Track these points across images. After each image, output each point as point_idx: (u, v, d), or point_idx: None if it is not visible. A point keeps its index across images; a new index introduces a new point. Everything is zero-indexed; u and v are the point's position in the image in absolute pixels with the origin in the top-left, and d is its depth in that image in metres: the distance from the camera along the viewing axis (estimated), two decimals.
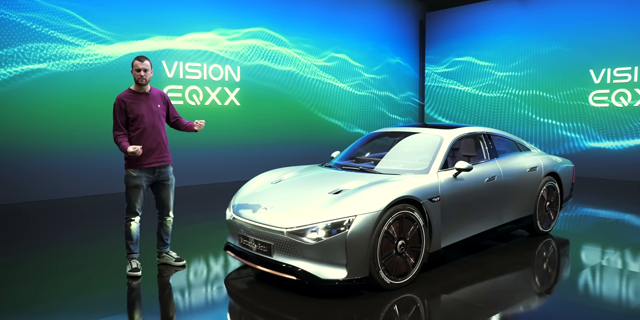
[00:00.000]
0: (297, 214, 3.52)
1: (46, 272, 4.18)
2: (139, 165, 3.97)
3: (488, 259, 4.52)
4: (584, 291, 3.81)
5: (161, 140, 4.07)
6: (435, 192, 3.87)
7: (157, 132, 4.04)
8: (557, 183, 5.38)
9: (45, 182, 7.35)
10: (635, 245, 5.03)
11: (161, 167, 4.09)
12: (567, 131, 10.49)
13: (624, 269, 4.30)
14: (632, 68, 9.45)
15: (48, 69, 7.25)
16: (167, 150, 4.13)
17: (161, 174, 4.10)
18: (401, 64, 13.02)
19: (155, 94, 4.12)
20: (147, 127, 3.98)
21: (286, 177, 4.39)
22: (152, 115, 4.02)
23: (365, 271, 3.40)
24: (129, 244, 4.06)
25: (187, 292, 3.75)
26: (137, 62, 3.95)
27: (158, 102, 4.10)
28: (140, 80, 3.96)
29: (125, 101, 3.95)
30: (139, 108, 3.97)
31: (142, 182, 4.00)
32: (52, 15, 7.23)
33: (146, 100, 4.03)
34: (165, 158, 4.11)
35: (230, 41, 9.29)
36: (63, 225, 5.95)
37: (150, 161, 4.01)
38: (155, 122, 4.03)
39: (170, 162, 4.18)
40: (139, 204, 4.04)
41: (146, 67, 3.96)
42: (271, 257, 3.54)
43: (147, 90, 4.06)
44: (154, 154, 4.02)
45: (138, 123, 3.96)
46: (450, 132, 4.55)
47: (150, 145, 3.99)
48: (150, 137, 4.00)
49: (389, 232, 3.50)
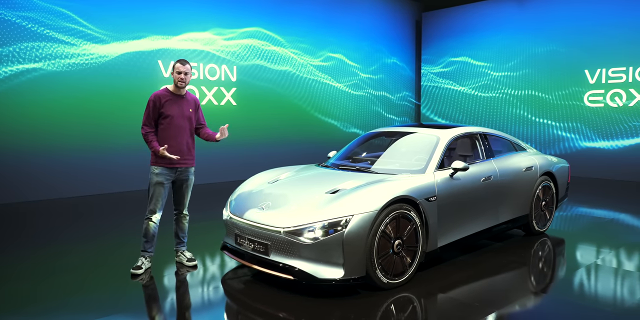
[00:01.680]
0: (294, 214, 3.53)
1: (44, 272, 4.17)
2: (163, 163, 4.02)
3: (484, 258, 4.54)
4: (580, 290, 3.83)
5: (187, 143, 4.13)
6: (431, 192, 3.88)
7: (184, 134, 4.10)
8: (552, 183, 5.41)
9: (42, 181, 7.32)
10: (630, 244, 5.06)
11: (182, 168, 4.13)
12: (563, 131, 10.54)
13: (619, 268, 4.33)
14: (627, 68, 9.50)
15: (44, 69, 7.22)
16: (191, 153, 4.19)
17: (182, 174, 4.15)
18: (397, 64, 13.04)
19: (189, 99, 4.20)
20: (176, 129, 4.05)
21: (283, 177, 4.39)
22: (183, 118, 4.08)
23: (362, 271, 3.41)
24: (143, 241, 4.09)
25: (184, 291, 3.75)
26: (179, 65, 4.00)
27: (190, 107, 4.17)
28: (179, 83, 4.01)
29: (161, 99, 4.00)
30: (172, 108, 4.03)
31: (163, 180, 4.05)
32: (48, 14, 7.21)
33: (180, 102, 4.09)
34: (189, 161, 4.17)
35: (226, 41, 9.28)
36: (60, 225, 5.93)
37: (173, 162, 4.05)
38: (184, 124, 4.09)
39: (192, 165, 4.23)
40: (160, 202, 4.07)
41: (187, 71, 4.01)
42: (268, 256, 3.55)
43: (183, 93, 4.12)
44: (178, 155, 4.06)
45: (168, 123, 4.02)
46: (447, 132, 4.57)
47: (176, 146, 4.05)
48: (177, 138, 4.06)
49: (386, 231, 3.51)
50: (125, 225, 5.93)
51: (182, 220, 4.28)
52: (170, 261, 4.37)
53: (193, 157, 4.22)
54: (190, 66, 4.04)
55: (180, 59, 4.03)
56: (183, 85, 4.03)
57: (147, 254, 4.10)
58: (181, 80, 4.00)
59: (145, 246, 4.08)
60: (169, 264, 4.31)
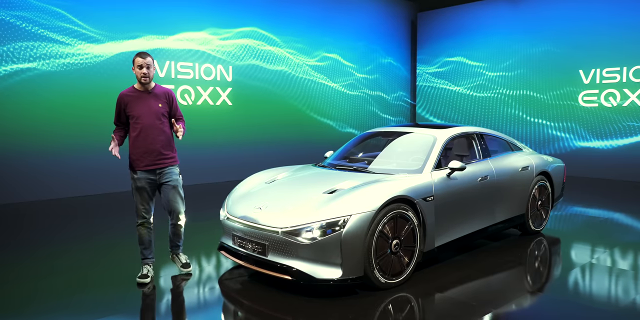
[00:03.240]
0: (292, 214, 3.53)
1: (42, 272, 4.15)
2: (136, 167, 3.83)
3: (481, 257, 4.56)
4: (576, 289, 3.85)
5: (160, 141, 3.84)
6: (429, 192, 3.89)
7: (156, 133, 3.82)
8: (548, 182, 5.43)
9: (39, 181, 7.28)
10: (625, 243, 5.10)
11: (162, 168, 3.89)
12: (557, 131, 10.59)
13: (614, 267, 4.35)
14: (621, 68, 9.56)
15: (38, 68, 7.18)
16: (169, 152, 3.91)
17: (163, 175, 3.90)
18: (393, 64, 13.06)
19: (159, 93, 3.90)
20: (145, 128, 3.79)
21: (280, 177, 4.39)
22: (152, 116, 3.80)
23: (360, 271, 3.41)
24: (141, 249, 3.95)
25: (181, 292, 3.74)
26: (139, 58, 3.73)
27: (160, 101, 3.87)
28: (142, 78, 3.75)
29: (124, 99, 3.79)
30: (138, 107, 3.79)
31: (144, 184, 3.84)
32: (42, 13, 7.17)
33: (147, 99, 3.82)
34: (165, 161, 3.89)
35: (222, 41, 9.26)
36: (57, 225, 5.90)
37: (146, 163, 3.82)
38: (153, 122, 3.81)
39: (171, 164, 3.94)
40: (144, 207, 3.89)
41: (149, 64, 3.74)
42: (266, 257, 3.54)
43: (149, 89, 3.85)
44: (150, 156, 3.82)
45: (135, 123, 3.80)
46: (444, 131, 4.58)
47: (147, 147, 3.80)
48: (148, 138, 3.80)
49: (384, 231, 3.52)
50: (122, 225, 5.90)
51: (176, 226, 4.03)
52: (167, 261, 4.35)
53: (173, 155, 3.96)
54: (151, 59, 3.77)
55: (139, 52, 3.78)
56: (147, 81, 3.77)
57: (149, 260, 3.96)
58: (144, 75, 3.73)
59: (145, 253, 3.94)
60: (165, 264, 4.29)
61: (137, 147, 3.80)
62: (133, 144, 3.82)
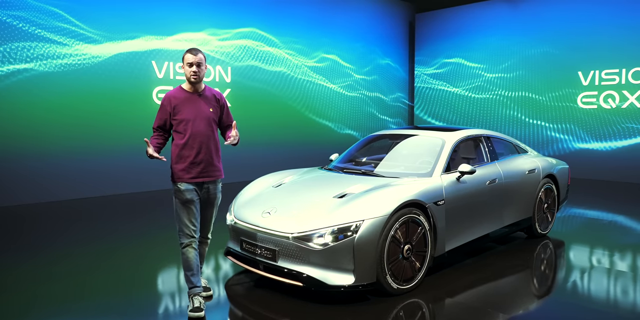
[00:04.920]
0: (303, 219, 3.46)
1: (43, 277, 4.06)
2: (181, 179, 3.33)
3: (489, 261, 4.52)
4: (582, 292, 3.84)
5: (210, 150, 3.38)
6: (439, 196, 3.84)
7: (205, 140, 3.35)
8: (554, 185, 5.40)
9: (38, 183, 7.17)
10: (626, 245, 5.09)
11: (209, 182, 3.42)
12: (556, 132, 10.59)
13: (618, 270, 4.32)
14: (620, 70, 9.57)
15: (35, 69, 7.06)
16: (216, 163, 3.44)
17: (209, 190, 3.43)
18: (391, 65, 13.02)
19: (209, 95, 3.43)
20: (195, 135, 3.30)
21: (287, 181, 4.32)
22: (202, 121, 3.33)
23: (373, 277, 3.35)
24: (188, 275, 3.32)
25: (187, 297, 3.66)
26: (189, 55, 3.28)
27: (211, 105, 3.40)
28: (192, 77, 3.29)
29: (172, 101, 3.32)
30: (187, 111, 3.31)
31: (194, 196, 3.35)
32: (40, 13, 7.05)
33: (197, 102, 3.35)
34: (214, 173, 3.42)
35: (221, 41, 9.17)
36: (58, 229, 5.81)
37: (194, 174, 3.33)
38: (203, 129, 3.33)
39: (219, 177, 3.48)
40: (193, 224, 3.35)
41: (200, 61, 3.29)
42: (276, 262, 3.47)
43: (199, 90, 3.39)
44: (198, 167, 3.34)
45: (183, 129, 3.31)
46: (452, 134, 4.53)
47: (196, 156, 3.33)
48: (196, 146, 3.32)
49: (396, 236, 3.46)
50: (122, 228, 5.83)
51: (204, 245, 3.62)
52: (174, 263, 4.26)
53: (219, 167, 3.48)
54: (203, 55, 3.33)
55: (190, 48, 3.32)
56: (197, 80, 3.30)
57: (198, 290, 3.33)
58: (194, 74, 3.28)
59: (193, 281, 3.31)
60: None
61: (184, 156, 3.32)
62: (179, 153, 3.33)
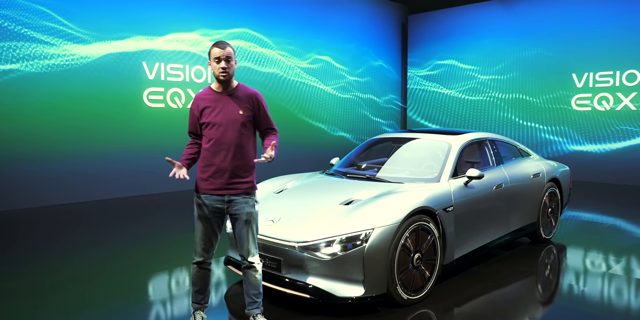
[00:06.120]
0: (309, 227, 3.31)
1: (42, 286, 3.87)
2: (202, 189, 2.94)
3: (495, 268, 4.41)
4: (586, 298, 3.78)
5: (237, 159, 2.91)
6: (448, 202, 3.71)
7: (231, 147, 2.90)
8: (557, 188, 5.32)
9: (30, 187, 6.93)
10: (629, 249, 5.03)
11: (234, 196, 2.94)
12: (550, 134, 10.57)
13: (627, 275, 4.24)
14: (614, 72, 9.57)
15: (21, 70, 6.80)
16: (245, 174, 2.95)
17: (233, 205, 2.94)
18: (384, 66, 12.92)
19: (242, 95, 2.96)
20: (218, 140, 2.89)
21: (289, 186, 4.16)
22: (228, 125, 2.90)
23: (383, 287, 3.20)
24: (193, 290, 3.11)
25: (184, 308, 3.48)
26: (216, 49, 2.84)
27: (241, 107, 2.94)
28: (221, 75, 2.85)
29: (199, 103, 2.96)
30: (213, 113, 2.91)
31: (208, 212, 2.94)
32: (26, 12, 6.80)
33: (226, 103, 2.92)
34: (239, 185, 2.93)
35: (213, 42, 8.97)
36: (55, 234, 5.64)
37: (214, 186, 2.91)
38: (231, 134, 2.90)
39: (247, 191, 2.96)
40: (204, 243, 2.99)
41: (229, 55, 2.84)
42: (280, 273, 3.31)
43: (230, 90, 2.95)
44: (221, 178, 2.90)
45: (209, 133, 2.93)
46: (458, 138, 4.40)
47: (218, 165, 2.90)
48: (221, 153, 2.89)
49: (406, 245, 3.32)
50: (119, 233, 5.67)
51: (248, 271, 3.01)
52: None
53: (250, 180, 2.97)
54: (232, 50, 2.88)
55: (217, 41, 2.89)
56: (227, 77, 2.86)
57: (200, 306, 3.11)
58: (223, 71, 2.83)
59: (196, 297, 3.09)
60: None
61: (207, 163, 2.93)
62: (203, 159, 2.97)
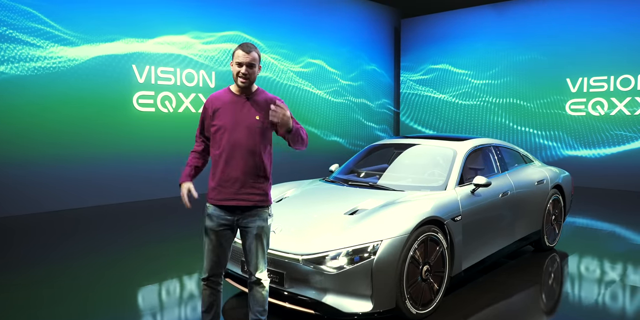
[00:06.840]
0: (313, 239, 3.13)
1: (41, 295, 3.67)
2: (212, 199, 2.73)
3: (500, 278, 4.27)
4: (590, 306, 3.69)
5: (249, 167, 2.67)
6: (456, 211, 3.56)
7: (244, 155, 2.67)
8: (560, 195, 5.21)
9: (22, 193, 6.70)
10: (624, 254, 4.96)
11: (245, 208, 2.70)
12: (545, 139, 10.52)
13: (626, 282, 4.15)
14: (608, 77, 9.55)
15: (6, 73, 6.55)
16: (259, 185, 2.70)
17: (244, 218, 2.71)
18: (377, 70, 12.81)
19: (260, 100, 2.73)
20: (230, 147, 2.66)
21: (289, 194, 3.99)
22: (242, 130, 2.66)
23: (392, 302, 3.04)
24: (202, 310, 2.85)
25: (185, 318, 3.31)
26: (240, 51, 2.63)
27: (259, 112, 2.70)
28: (241, 80, 2.65)
29: (214, 104, 2.73)
30: (227, 116, 2.68)
31: (216, 225, 2.70)
32: (11, 13, 6.56)
33: (242, 106, 2.69)
34: (251, 197, 2.68)
35: (204, 45, 8.79)
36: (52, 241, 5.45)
37: (224, 196, 2.68)
38: (244, 139, 2.66)
39: (259, 204, 2.70)
40: (213, 258, 2.73)
41: (252, 61, 2.63)
42: (283, 287, 3.13)
43: (250, 94, 2.74)
44: (231, 188, 2.66)
45: (220, 137, 2.69)
46: (462, 144, 4.27)
47: (229, 174, 2.67)
48: (232, 161, 2.66)
49: (415, 256, 3.16)
50: (115, 240, 5.50)
51: (254, 287, 2.77)
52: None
53: (264, 192, 2.73)
54: (257, 55, 2.67)
55: (242, 43, 2.68)
56: (246, 84, 2.66)
57: None
58: (243, 76, 2.64)
59: (204, 317, 2.83)
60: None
61: (217, 171, 2.70)
62: (213, 166, 2.74)
